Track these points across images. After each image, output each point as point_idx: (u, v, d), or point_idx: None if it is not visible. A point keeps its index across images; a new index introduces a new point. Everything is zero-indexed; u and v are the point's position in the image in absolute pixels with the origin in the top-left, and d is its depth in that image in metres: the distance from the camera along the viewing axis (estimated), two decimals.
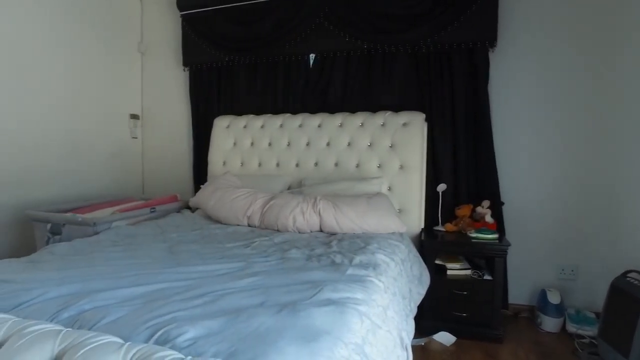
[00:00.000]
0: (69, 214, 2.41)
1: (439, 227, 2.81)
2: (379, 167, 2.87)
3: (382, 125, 2.89)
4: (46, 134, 3.00)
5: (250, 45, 3.28)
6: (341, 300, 1.33)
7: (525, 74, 2.84)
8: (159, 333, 1.05)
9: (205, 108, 3.53)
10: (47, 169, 3.01)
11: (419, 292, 2.32)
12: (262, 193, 2.60)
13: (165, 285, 1.43)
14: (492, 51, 2.80)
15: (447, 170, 2.88)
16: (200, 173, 3.49)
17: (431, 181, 2.88)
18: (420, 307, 2.29)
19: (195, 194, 3.44)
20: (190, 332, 1.05)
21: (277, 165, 3.08)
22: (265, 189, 2.76)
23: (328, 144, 2.98)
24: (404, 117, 2.86)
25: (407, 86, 2.98)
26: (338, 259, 1.82)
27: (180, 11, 3.53)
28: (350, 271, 1.65)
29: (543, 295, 2.70)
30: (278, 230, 2.42)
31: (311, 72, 3.20)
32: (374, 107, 3.00)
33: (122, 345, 0.87)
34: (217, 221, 2.63)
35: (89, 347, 0.85)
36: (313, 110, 3.14)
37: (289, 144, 3.07)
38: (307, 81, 3.20)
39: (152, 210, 2.74)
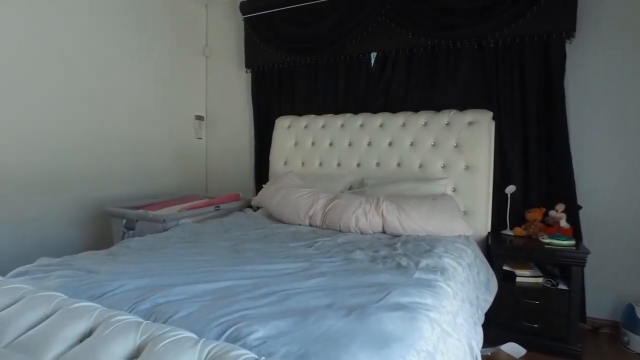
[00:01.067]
0: (141, 211, 2.55)
1: (507, 231, 2.65)
2: (443, 167, 2.76)
3: (446, 124, 2.79)
4: (120, 135, 3.21)
5: (310, 46, 3.30)
6: (411, 305, 1.29)
7: (608, 66, 2.60)
8: (230, 331, 1.06)
9: (267, 109, 3.60)
10: (121, 168, 3.22)
11: (486, 299, 2.20)
12: (324, 193, 2.59)
13: (233, 283, 1.45)
14: (570, 42, 2.59)
15: (517, 171, 2.71)
16: (261, 172, 3.56)
17: (498, 182, 2.73)
18: (487, 315, 2.17)
19: (256, 193, 3.53)
20: (260, 332, 1.06)
21: (338, 165, 3.07)
22: (327, 188, 2.76)
23: (390, 144, 2.92)
24: (469, 115, 2.74)
25: (472, 83, 2.85)
26: (404, 261, 1.77)
27: (243, 15, 3.62)
28: (417, 275, 1.59)
29: (630, 310, 2.45)
30: (340, 231, 2.40)
31: (372, 71, 3.16)
32: (437, 105, 2.90)
33: (198, 341, 0.89)
34: (279, 220, 2.66)
35: (167, 341, 0.87)
36: (374, 109, 3.09)
37: (350, 144, 3.05)
38: (368, 80, 3.17)
39: (217, 208, 2.83)
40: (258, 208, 3.05)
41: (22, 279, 1.46)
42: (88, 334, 0.98)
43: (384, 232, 2.40)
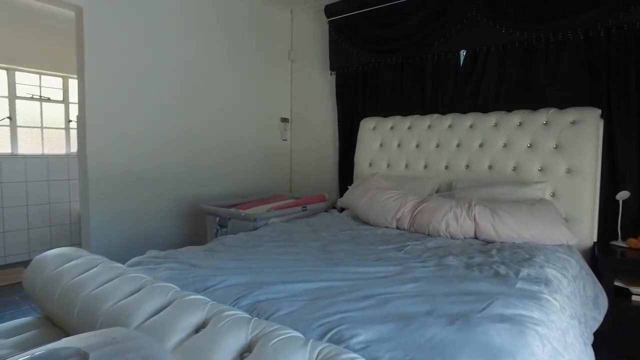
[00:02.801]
0: (233, 209, 2.68)
1: (619, 242, 2.39)
2: (540, 170, 2.57)
3: (544, 124, 2.59)
4: (212, 137, 3.43)
5: (396, 46, 3.25)
6: (516, 318, 1.21)
7: None
8: (332, 332, 1.07)
9: (351, 110, 3.61)
10: (213, 168, 3.44)
11: (595, 317, 2.00)
12: (412, 195, 2.54)
13: (328, 284, 1.47)
14: None
15: (631, 176, 2.44)
16: (345, 174, 3.58)
17: (606, 187, 2.48)
18: (595, 336, 1.97)
19: (340, 194, 3.56)
20: (362, 335, 1.05)
21: (425, 167, 2.99)
22: (413, 190, 2.70)
23: (481, 145, 2.78)
24: (572, 114, 2.52)
25: (576, 79, 2.61)
26: (502, 270, 1.67)
27: (328, 18, 3.67)
28: (519, 285, 1.49)
29: None
30: (429, 235, 2.33)
31: (461, 70, 3.03)
32: (533, 104, 2.70)
33: (307, 341, 0.90)
34: (365, 222, 2.66)
35: (278, 339, 0.90)
36: (464, 109, 2.97)
37: (437, 145, 2.95)
38: (456, 79, 3.04)
39: (303, 208, 2.89)
40: (343, 209, 3.07)
41: (138, 269, 1.61)
42: (202, 325, 1.04)
43: (475, 237, 2.28)
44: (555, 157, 2.53)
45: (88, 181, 2.72)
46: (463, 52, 3.03)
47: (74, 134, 4.63)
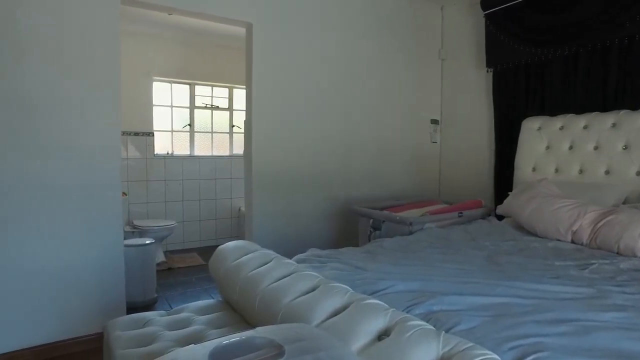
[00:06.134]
0: (386, 212, 2.67)
1: None
2: None
3: None
4: (362, 139, 3.48)
5: (568, 34, 2.85)
6: None
7: None
8: (530, 358, 0.96)
9: (510, 109, 3.30)
10: (363, 169, 3.49)
11: None
12: (593, 205, 2.19)
13: (507, 300, 1.34)
14: None
15: None
16: (501, 178, 3.29)
17: None
18: None
19: (495, 200, 3.29)
20: None
21: (607, 172, 2.56)
22: (591, 200, 2.33)
23: None
24: None
25: None
26: None
27: (484, 11, 3.42)
28: None
29: None
30: (617, 253, 1.98)
31: None
32: None
33: None
34: (531, 233, 2.39)
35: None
36: None
37: (625, 147, 2.50)
38: None
39: (460, 214, 2.73)
40: (501, 217, 2.81)
41: (306, 266, 1.68)
42: (384, 332, 1.03)
43: None
44: None
45: (252, 180, 2.99)
46: None
47: (236, 137, 5.19)
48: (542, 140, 2.92)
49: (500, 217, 2.84)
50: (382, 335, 1.02)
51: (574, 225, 2.17)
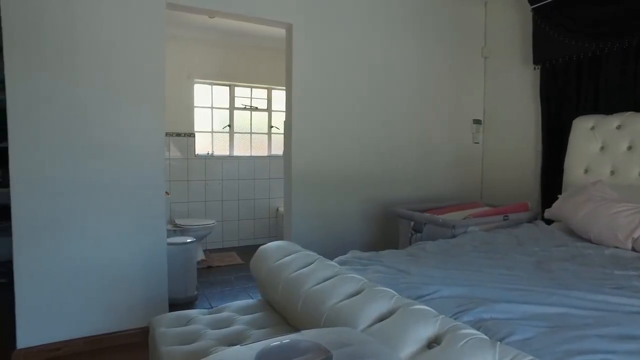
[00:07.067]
0: (428, 214, 2.60)
1: None
2: None
3: None
4: (402, 140, 3.42)
5: (627, 25, 2.68)
6: None
7: None
8: None
9: (559, 108, 3.14)
10: (403, 171, 3.43)
11: None
12: None
13: (564, 311, 1.26)
14: None
15: None
16: (549, 181, 3.14)
17: None
18: None
19: (542, 203, 3.14)
20: None
21: None
22: None
23: None
24: None
25: None
26: None
27: (532, 4, 3.27)
28: None
29: None
30: None
31: None
32: None
33: None
34: (584, 239, 2.26)
35: None
36: None
37: None
38: None
39: (505, 218, 2.63)
40: (550, 221, 2.68)
41: (348, 268, 1.65)
42: (434, 339, 0.99)
43: None
44: None
45: (292, 180, 2.99)
46: None
47: (274, 138, 5.23)
48: (595, 140, 2.75)
49: (548, 222, 2.70)
50: (432, 343, 0.98)
51: (635, 232, 2.03)
